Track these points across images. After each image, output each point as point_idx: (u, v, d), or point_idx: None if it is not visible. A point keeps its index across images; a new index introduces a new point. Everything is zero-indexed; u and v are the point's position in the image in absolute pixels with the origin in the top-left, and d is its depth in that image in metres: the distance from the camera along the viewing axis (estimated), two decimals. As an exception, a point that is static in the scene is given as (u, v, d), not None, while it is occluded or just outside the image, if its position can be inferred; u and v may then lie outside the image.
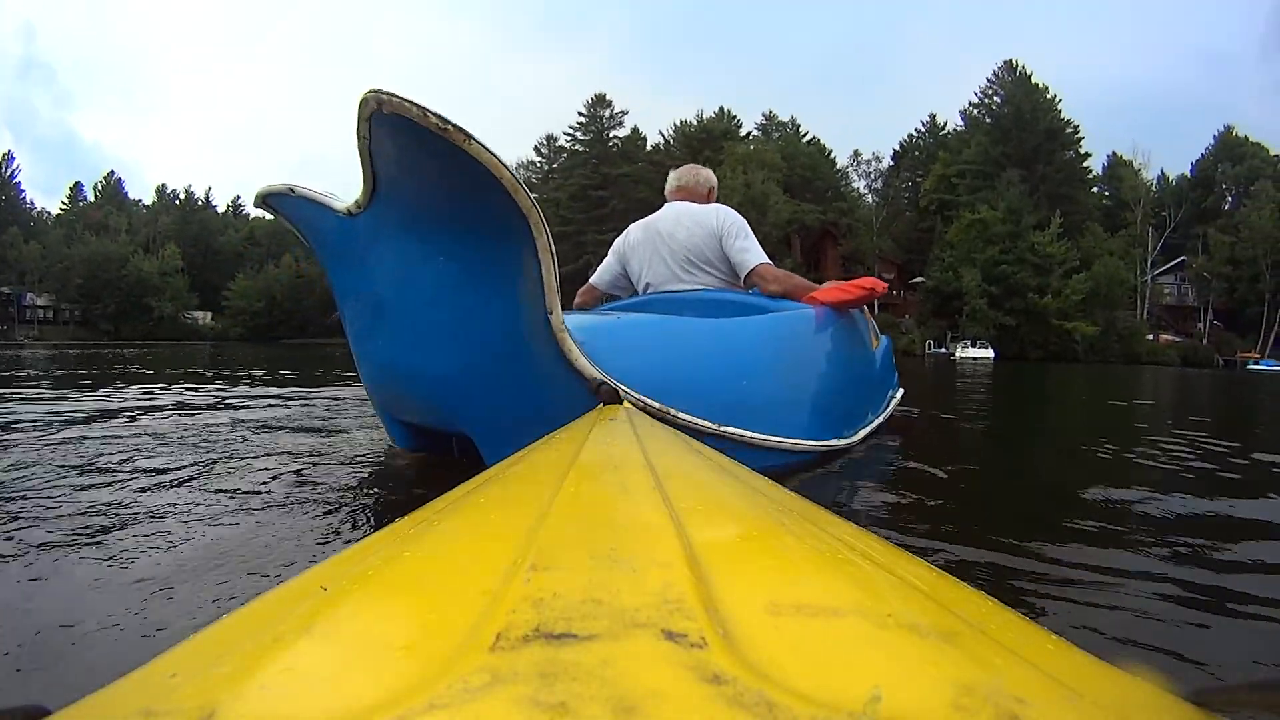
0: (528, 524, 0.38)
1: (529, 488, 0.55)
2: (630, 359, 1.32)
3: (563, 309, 1.24)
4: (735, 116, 41.65)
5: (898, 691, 0.21)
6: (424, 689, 0.20)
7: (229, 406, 2.93)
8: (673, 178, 2.28)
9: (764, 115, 42.55)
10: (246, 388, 4.29)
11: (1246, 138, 37.93)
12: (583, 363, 1.23)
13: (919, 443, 2.41)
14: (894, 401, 2.62)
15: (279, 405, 3.03)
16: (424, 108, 0.95)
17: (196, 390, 3.89)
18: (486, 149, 1.02)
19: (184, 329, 42.14)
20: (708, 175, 2.27)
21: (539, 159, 46.61)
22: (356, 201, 1.18)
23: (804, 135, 40.61)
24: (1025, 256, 29.96)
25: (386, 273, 1.22)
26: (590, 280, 2.33)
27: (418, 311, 1.22)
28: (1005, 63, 36.94)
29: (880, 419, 2.25)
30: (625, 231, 2.25)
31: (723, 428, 1.36)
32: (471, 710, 0.19)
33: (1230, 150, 37.36)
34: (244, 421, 2.34)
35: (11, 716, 0.24)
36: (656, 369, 1.35)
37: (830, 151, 39.74)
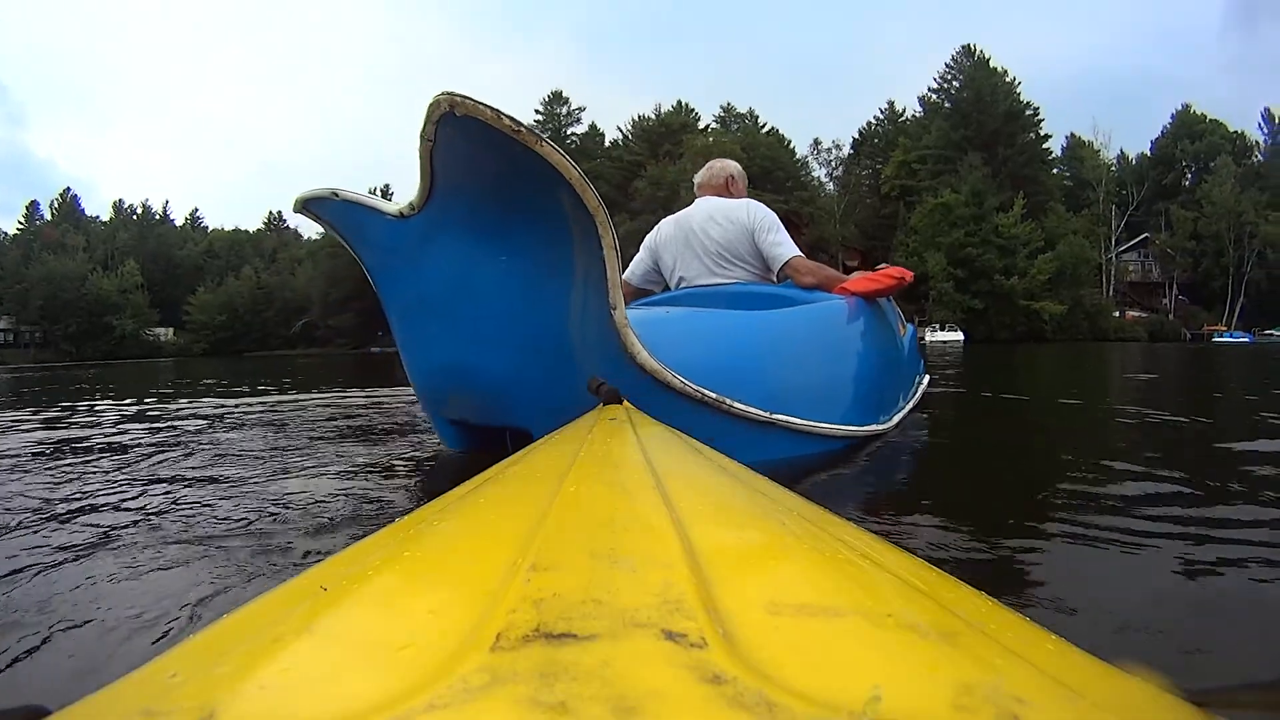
0: (528, 524, 0.38)
1: (529, 488, 0.55)
2: (684, 351, 1.35)
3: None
4: (693, 110, 41.87)
5: (898, 691, 0.21)
6: (424, 689, 0.20)
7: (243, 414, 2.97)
8: (697, 177, 2.34)
9: (722, 108, 42.73)
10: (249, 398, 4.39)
11: (1205, 115, 38.31)
12: (644, 356, 1.25)
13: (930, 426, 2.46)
14: (921, 387, 2.66)
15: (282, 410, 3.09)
16: (497, 110, 0.97)
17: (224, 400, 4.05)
18: (557, 150, 1.04)
19: (146, 346, 41.75)
20: (723, 165, 2.31)
21: None
22: (410, 204, 1.18)
23: (763, 126, 40.69)
24: (990, 239, 30.12)
25: (444, 273, 1.23)
26: (622, 275, 2.35)
27: (478, 310, 1.23)
28: (963, 47, 37.24)
29: (911, 404, 2.30)
30: (656, 227, 2.30)
31: (774, 415, 1.40)
32: (471, 710, 0.19)
33: (1189, 128, 37.64)
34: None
35: (11, 716, 0.24)
36: (710, 361, 1.39)
37: (789, 142, 40.07)
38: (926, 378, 2.87)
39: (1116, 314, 33.36)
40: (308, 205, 1.35)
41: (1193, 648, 0.77)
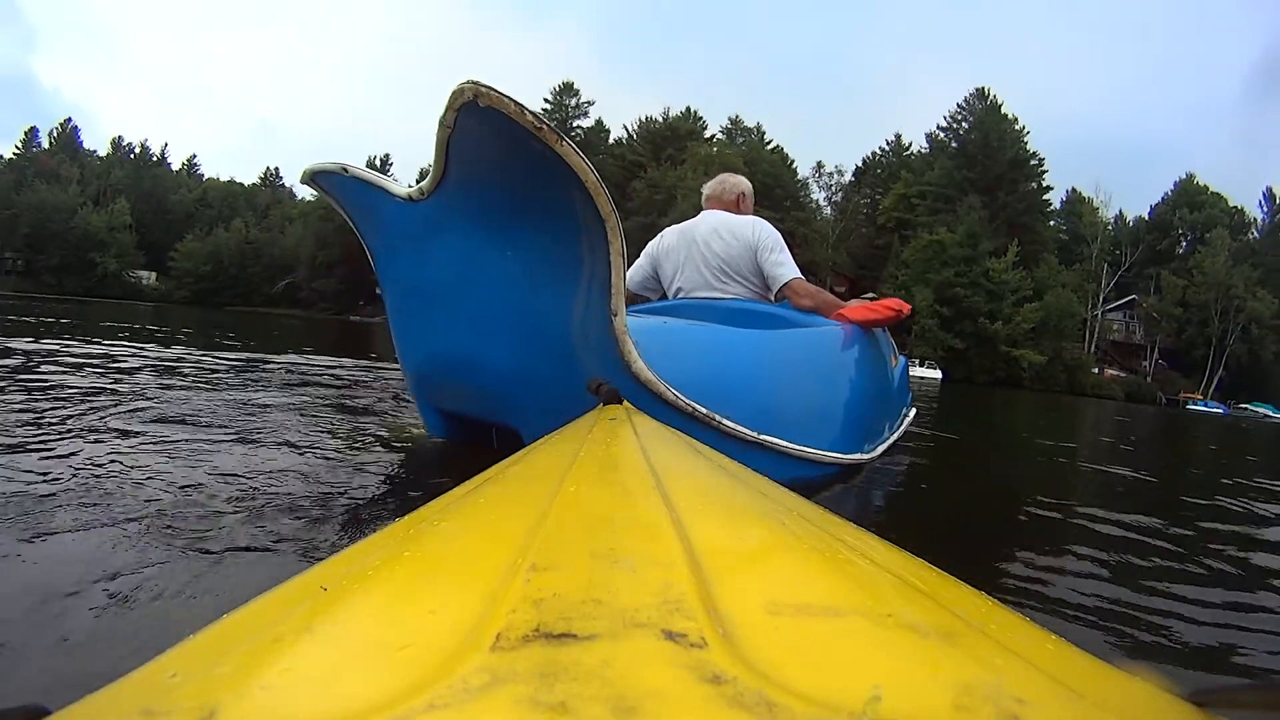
0: (528, 524, 0.38)
1: (529, 488, 0.55)
2: (679, 363, 1.34)
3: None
4: (701, 118, 41.86)
5: (898, 691, 0.21)
6: (424, 689, 0.20)
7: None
8: (710, 187, 2.34)
9: (730, 119, 42.66)
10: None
11: (1207, 187, 38.73)
12: (639, 365, 1.25)
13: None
14: (907, 420, 2.68)
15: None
16: (521, 105, 0.97)
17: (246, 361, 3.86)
18: (576, 151, 1.03)
19: (128, 287, 40.92)
20: (735, 182, 2.31)
21: None
22: (420, 188, 1.17)
23: (768, 142, 40.87)
24: (979, 281, 30.41)
25: (448, 261, 1.22)
26: None
27: (479, 302, 1.22)
28: (977, 89, 37.45)
29: (895, 435, 2.31)
30: (660, 235, 2.30)
31: (762, 436, 1.39)
32: (471, 710, 0.19)
33: (1190, 197, 38.08)
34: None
35: (11, 716, 0.24)
36: (703, 375, 1.38)
37: (793, 161, 40.04)
38: (913, 411, 2.91)
39: (1095, 370, 33.85)
40: (315, 178, 1.34)
41: (1192, 647, 0.77)
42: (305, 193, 48.72)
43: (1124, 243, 37.60)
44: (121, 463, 1.20)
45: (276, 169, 55.34)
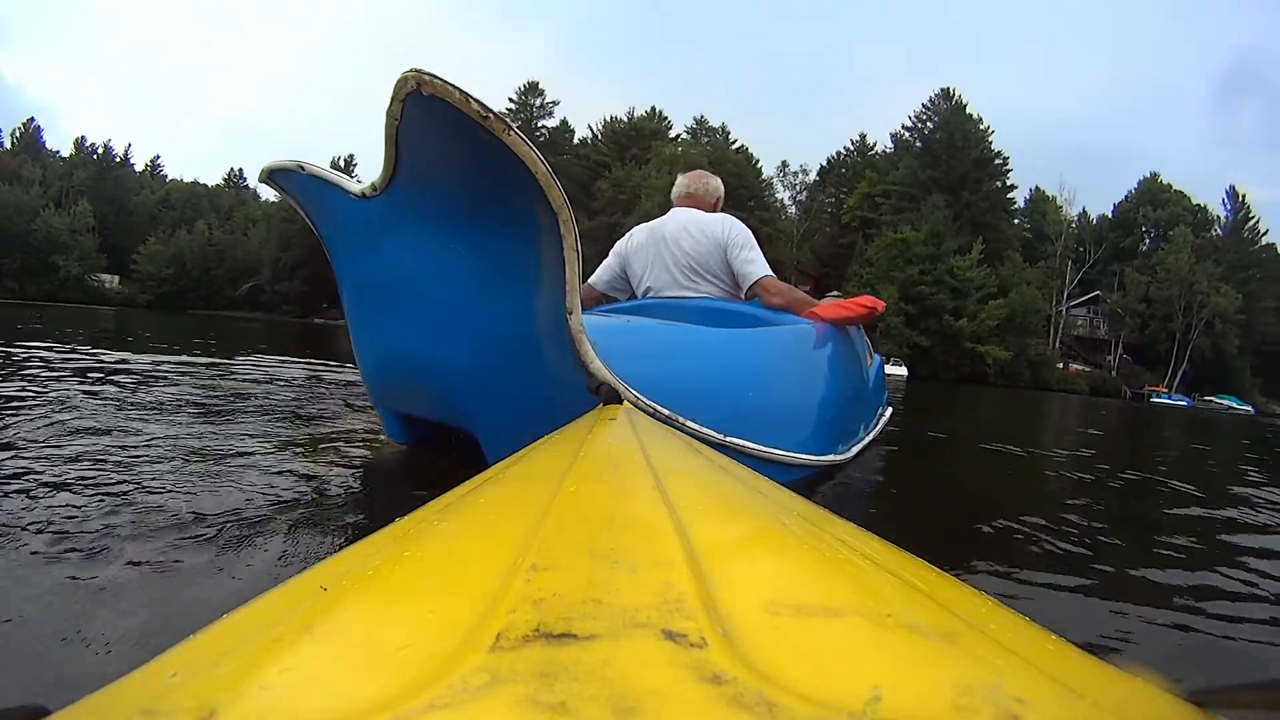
0: (528, 524, 0.38)
1: (529, 488, 0.54)
2: (640, 364, 1.31)
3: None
4: (666, 118, 41.69)
5: (898, 691, 0.21)
6: (424, 689, 0.20)
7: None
8: (682, 183, 2.28)
9: (695, 119, 42.60)
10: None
11: (1170, 185, 39.24)
12: (597, 365, 1.22)
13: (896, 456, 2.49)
14: (883, 420, 2.65)
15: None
16: (466, 93, 0.94)
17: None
18: (525, 141, 1.00)
19: (90, 291, 39.41)
20: (717, 185, 2.28)
21: None
22: (373, 184, 1.14)
23: (733, 142, 40.73)
24: (944, 279, 30.48)
25: (400, 259, 1.19)
26: (589, 280, 2.33)
27: (430, 301, 1.19)
28: (942, 90, 37.59)
29: (871, 436, 2.28)
30: (628, 234, 2.26)
31: (728, 438, 1.36)
32: (471, 710, 0.19)
33: (1153, 196, 38.57)
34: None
35: (11, 716, 0.24)
36: (666, 375, 1.35)
37: (757, 161, 39.92)
38: (889, 410, 2.89)
39: (1060, 365, 34.19)
40: (273, 176, 1.31)
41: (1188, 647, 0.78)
42: (269, 194, 47.57)
43: (1088, 240, 38.09)
44: (47, 473, 1.11)
45: (240, 170, 54.34)
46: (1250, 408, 30.83)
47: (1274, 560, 1.36)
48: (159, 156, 55.95)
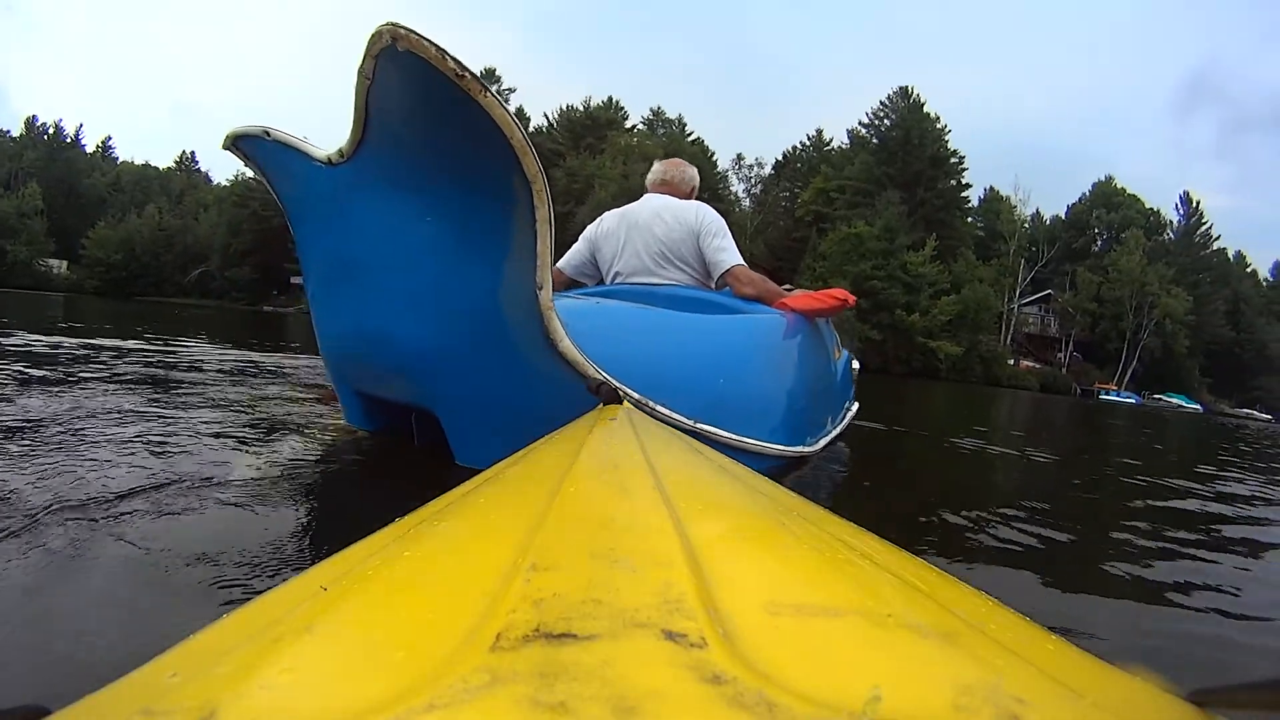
0: (528, 524, 0.38)
1: (529, 488, 0.54)
2: (609, 346, 1.27)
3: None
4: (623, 108, 41.60)
5: (898, 691, 0.21)
6: (424, 689, 0.20)
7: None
8: (658, 169, 2.27)
9: (652, 110, 42.64)
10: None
11: (1124, 189, 40.02)
12: (566, 344, 1.18)
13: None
14: (850, 414, 2.66)
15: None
16: (442, 49, 0.89)
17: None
18: (501, 104, 0.95)
19: (37, 277, 37.88)
20: (693, 173, 2.28)
21: None
22: (339, 150, 1.10)
23: (689, 134, 40.77)
24: (897, 274, 30.62)
25: (365, 229, 1.14)
26: (557, 264, 2.30)
27: (396, 273, 1.14)
28: (900, 88, 37.88)
29: (838, 430, 2.28)
30: (599, 219, 2.23)
31: (698, 424, 1.34)
32: (471, 710, 0.19)
33: (1107, 198, 39.25)
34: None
35: (11, 716, 0.24)
36: (635, 359, 1.32)
37: (713, 154, 39.88)
38: (855, 405, 2.90)
39: (1011, 362, 34.59)
40: (237, 142, 1.26)
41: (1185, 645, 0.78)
42: (220, 177, 45.83)
43: (1041, 240, 38.64)
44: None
45: (192, 153, 53.04)
46: (1199, 406, 31.70)
47: (1220, 546, 1.42)
48: (110, 138, 54.19)
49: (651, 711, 0.19)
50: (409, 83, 0.94)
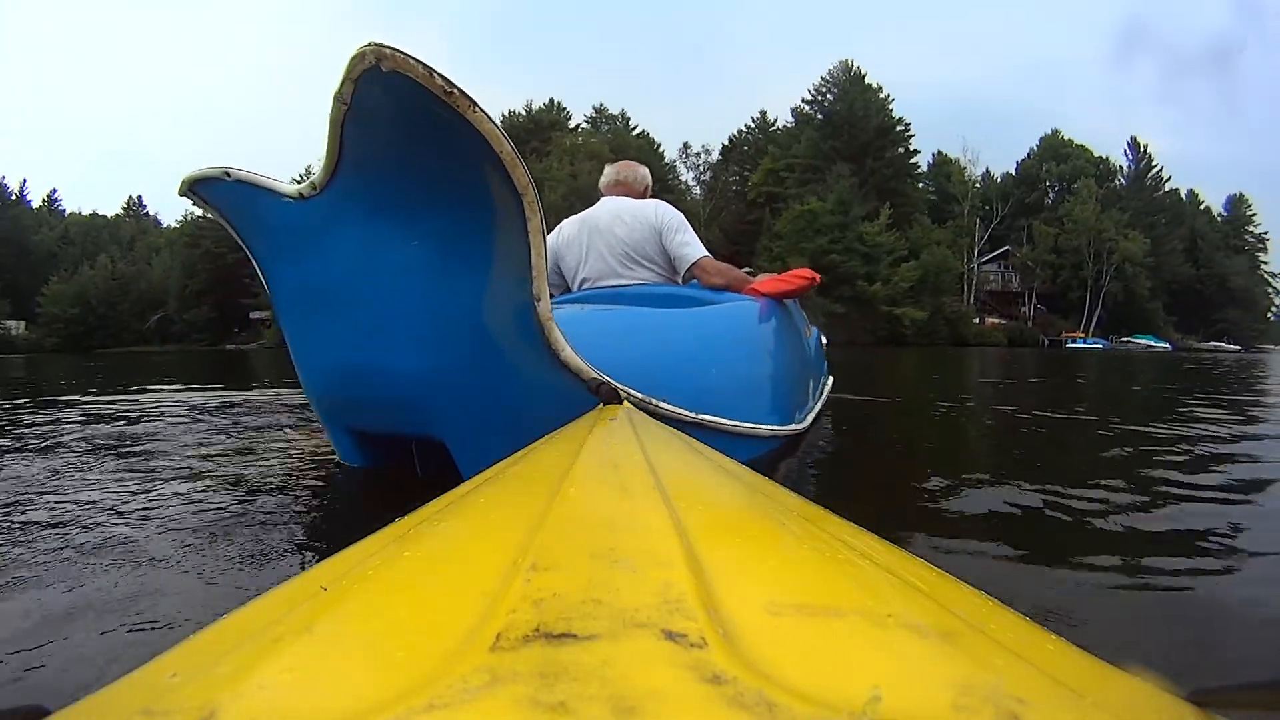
0: (528, 524, 0.38)
1: (529, 488, 0.54)
2: (604, 350, 1.27)
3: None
4: (565, 108, 41.59)
5: (898, 691, 0.21)
6: (424, 689, 0.20)
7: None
8: (610, 172, 2.28)
9: (594, 108, 42.61)
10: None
11: (1071, 140, 40.36)
12: (568, 353, 1.17)
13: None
14: (826, 388, 2.73)
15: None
16: (430, 67, 0.87)
17: None
18: (490, 119, 0.94)
19: None
20: (645, 173, 2.29)
21: None
22: (311, 183, 1.07)
23: (634, 128, 40.83)
24: (854, 246, 30.75)
25: (348, 260, 1.10)
26: None
27: (386, 302, 1.11)
28: (841, 62, 38.16)
29: (820, 404, 2.33)
30: (558, 227, 2.23)
31: (700, 416, 1.35)
32: (471, 710, 0.19)
33: (1055, 151, 39.65)
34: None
35: (11, 716, 0.24)
36: (632, 359, 1.33)
37: (659, 145, 40.10)
38: (830, 379, 2.95)
39: (977, 321, 35.00)
40: (194, 188, 1.21)
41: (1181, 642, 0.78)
42: (170, 219, 44.45)
43: (994, 198, 39.02)
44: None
45: (139, 197, 51.33)
46: (1167, 344, 32.19)
47: (1201, 500, 1.40)
48: (55, 190, 52.01)
49: (651, 711, 0.19)
50: (392, 104, 0.91)
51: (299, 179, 1.14)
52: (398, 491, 1.36)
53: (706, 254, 2.01)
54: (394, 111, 0.93)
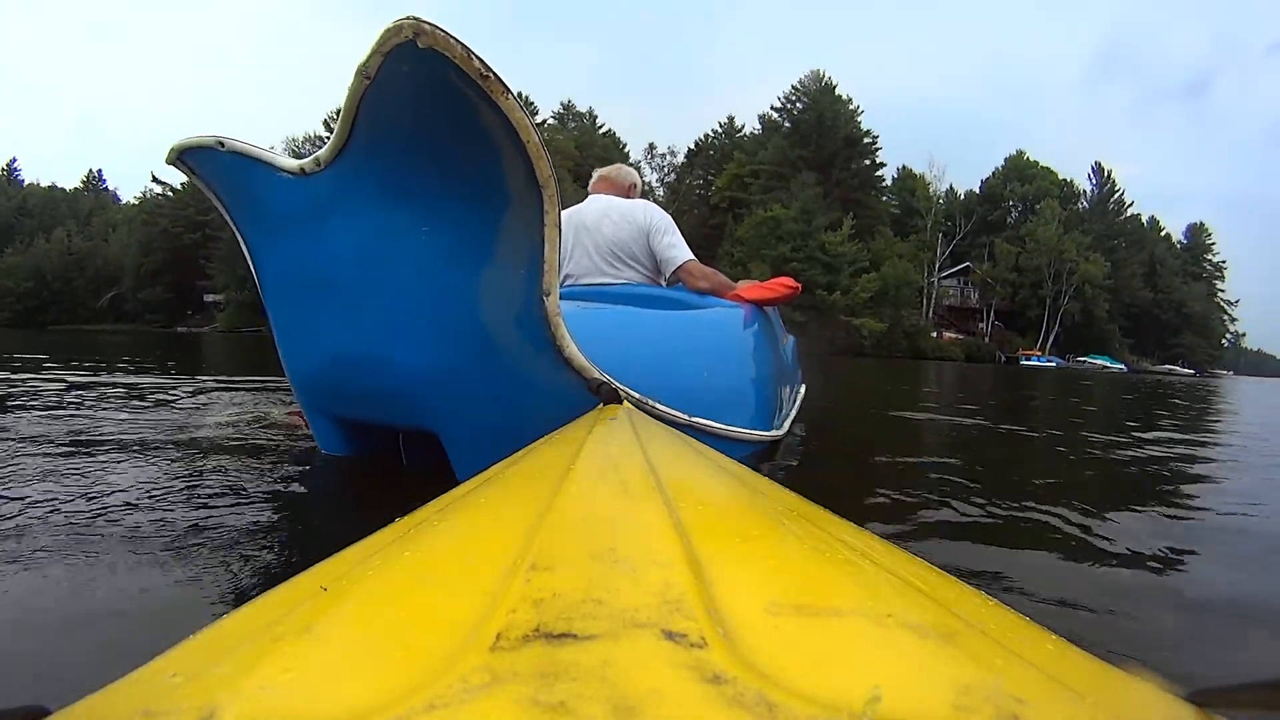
0: (528, 524, 0.38)
1: (529, 488, 0.54)
2: (604, 348, 1.25)
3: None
4: (533, 103, 41.70)
5: (898, 691, 0.21)
6: (424, 689, 0.20)
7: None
8: (598, 173, 2.31)
9: (562, 104, 42.88)
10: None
11: (1036, 162, 41.27)
12: (572, 350, 1.15)
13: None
14: (800, 395, 2.76)
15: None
16: (468, 47, 0.83)
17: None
18: (520, 106, 0.90)
19: None
20: (630, 172, 2.31)
21: (326, 135, 44.33)
22: (316, 158, 1.01)
23: (600, 126, 41.05)
24: (815, 255, 31.02)
25: (351, 242, 1.05)
26: None
27: (390, 290, 1.06)
28: (812, 72, 38.57)
29: (795, 411, 2.36)
30: None
31: (693, 419, 1.35)
32: (471, 710, 0.19)
33: (1020, 171, 40.52)
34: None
35: (11, 716, 0.24)
36: (629, 359, 1.32)
37: (625, 145, 40.49)
38: (804, 387, 2.99)
39: (935, 335, 35.46)
40: (184, 157, 1.14)
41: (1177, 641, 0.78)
42: (128, 195, 43.98)
43: (957, 214, 39.71)
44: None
45: (99, 171, 51.15)
46: (1123, 366, 33.45)
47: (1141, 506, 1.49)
48: (15, 160, 51.43)
49: (651, 711, 0.19)
50: (419, 82, 0.87)
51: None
52: (377, 486, 1.32)
53: (693, 257, 2.02)
54: (419, 91, 0.89)
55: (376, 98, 0.90)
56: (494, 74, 0.86)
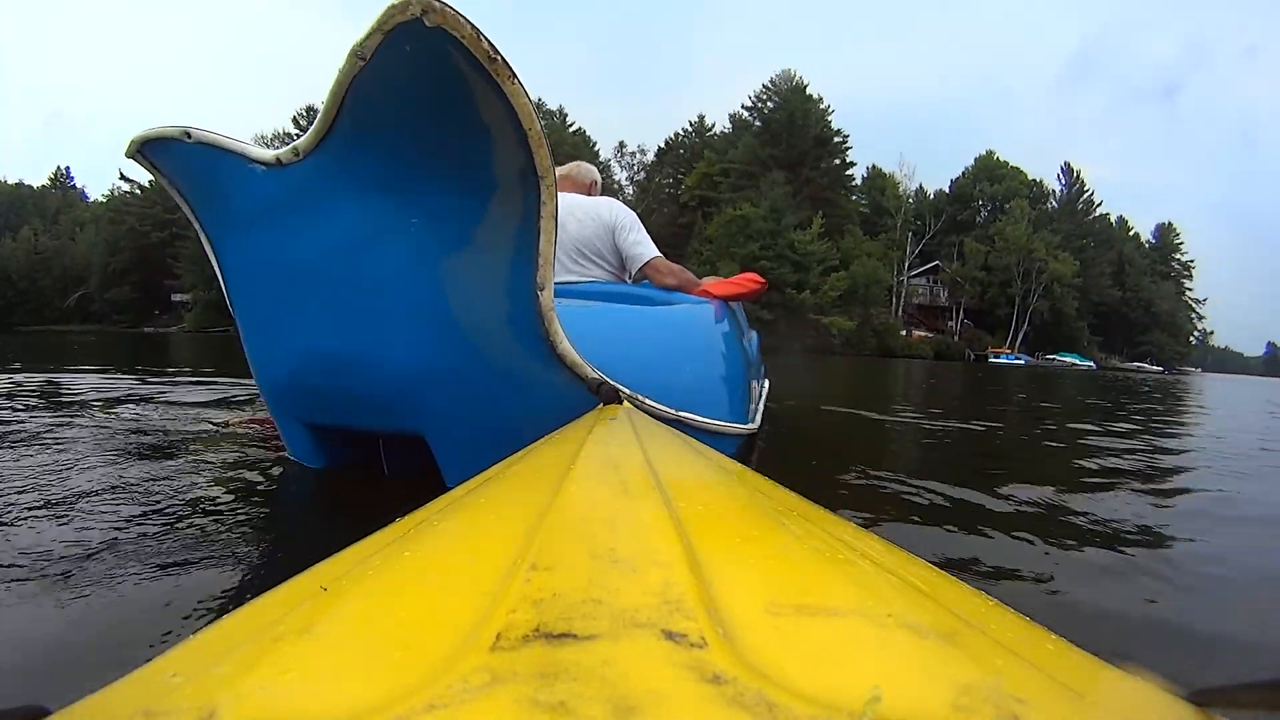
0: (528, 524, 0.38)
1: (529, 487, 0.54)
2: (590, 344, 1.22)
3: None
4: None
5: (898, 691, 0.21)
6: (424, 689, 0.20)
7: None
8: (558, 171, 2.30)
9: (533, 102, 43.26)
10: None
11: (1005, 162, 41.57)
12: (565, 346, 1.12)
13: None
14: (765, 391, 2.79)
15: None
16: (478, 29, 0.80)
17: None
18: (525, 92, 0.85)
19: None
20: (590, 169, 2.31)
21: (297, 131, 40.96)
22: (294, 148, 0.95)
23: (570, 125, 40.89)
24: (785, 254, 30.95)
25: (331, 236, 0.99)
26: None
27: (376, 286, 1.00)
28: (783, 71, 38.68)
29: (763, 405, 2.38)
30: None
31: (680, 414, 1.35)
32: (471, 710, 0.19)
33: (989, 171, 40.84)
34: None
35: (11, 716, 0.24)
36: (616, 355, 1.31)
37: (595, 143, 40.29)
38: (768, 382, 3.02)
39: (904, 333, 35.66)
40: (145, 149, 1.08)
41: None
42: (96, 193, 43.11)
43: (926, 213, 39.92)
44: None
45: (67, 168, 49.94)
46: (1092, 363, 33.84)
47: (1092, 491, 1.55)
48: None
49: (651, 711, 0.19)
50: (418, 64, 0.82)
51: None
52: (355, 496, 1.24)
53: (659, 254, 2.02)
54: (417, 73, 0.84)
55: (369, 80, 0.85)
56: (501, 57, 0.82)
